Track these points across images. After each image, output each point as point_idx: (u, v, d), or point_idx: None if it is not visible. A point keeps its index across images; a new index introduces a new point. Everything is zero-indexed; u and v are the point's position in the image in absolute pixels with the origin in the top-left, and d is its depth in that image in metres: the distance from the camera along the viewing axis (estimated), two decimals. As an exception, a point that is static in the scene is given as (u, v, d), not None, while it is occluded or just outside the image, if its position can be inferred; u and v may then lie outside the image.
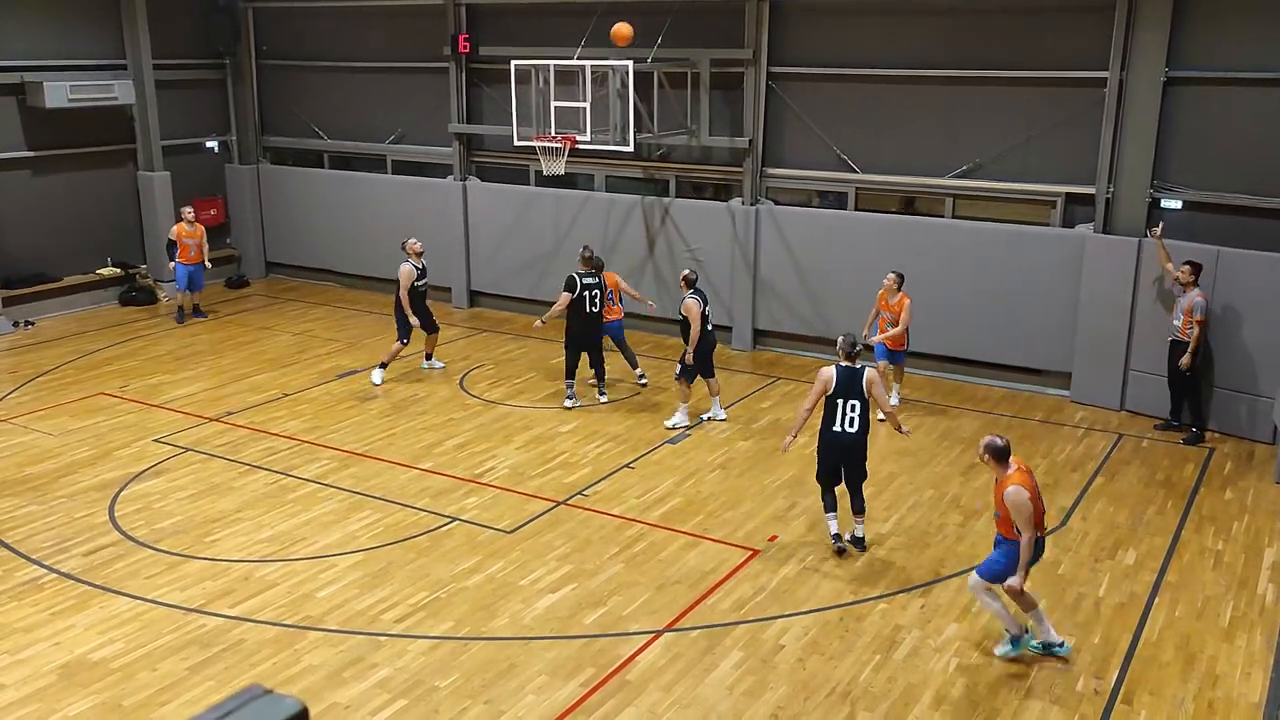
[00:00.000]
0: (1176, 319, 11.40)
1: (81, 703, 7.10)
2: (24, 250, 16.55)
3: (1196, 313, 11.12)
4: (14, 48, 16.17)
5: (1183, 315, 11.28)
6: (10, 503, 10.12)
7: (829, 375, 8.88)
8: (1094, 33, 12.35)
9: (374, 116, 18.05)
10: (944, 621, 8.12)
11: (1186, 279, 11.22)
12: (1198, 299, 11.13)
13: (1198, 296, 11.14)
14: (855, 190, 14.24)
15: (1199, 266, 11.23)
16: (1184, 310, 11.26)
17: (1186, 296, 11.23)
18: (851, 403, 8.89)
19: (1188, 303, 11.21)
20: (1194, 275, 11.21)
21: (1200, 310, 11.13)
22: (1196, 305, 11.13)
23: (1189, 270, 11.22)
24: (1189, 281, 11.21)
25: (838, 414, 8.93)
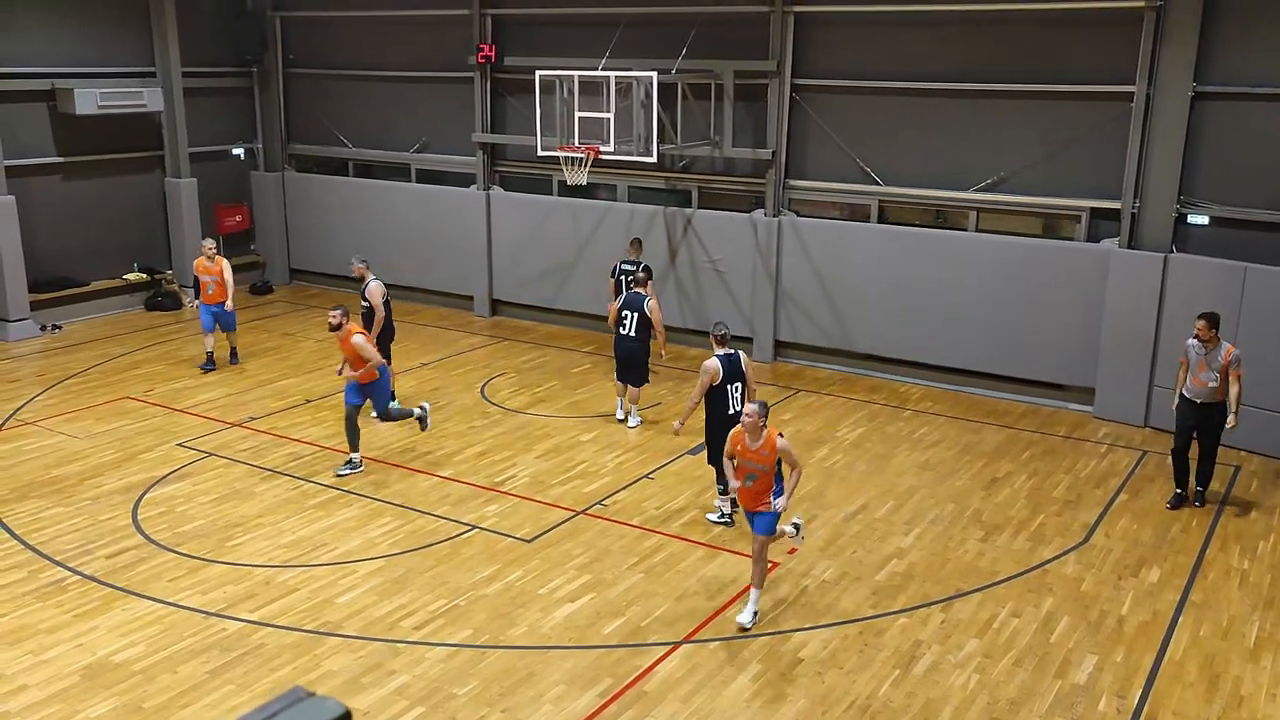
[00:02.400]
0: (1210, 379, 10.06)
1: (103, 704, 7.15)
2: (52, 255, 16.72)
3: (1236, 366, 9.97)
4: (45, 54, 16.37)
5: (1217, 374, 10.01)
6: (36, 504, 10.21)
7: (715, 366, 9.64)
8: (1121, 46, 12.29)
9: (398, 125, 18.16)
10: (964, 637, 8.07)
11: (1207, 334, 10.02)
12: (1234, 351, 10.01)
13: (1232, 348, 10.04)
14: (878, 202, 14.21)
15: (1216, 318, 10.07)
16: (1219, 368, 9.99)
17: (1216, 352, 10.02)
18: (735, 384, 9.72)
19: (1223, 358, 9.97)
20: (1214, 329, 10.03)
21: (1240, 362, 10.00)
22: (1235, 359, 9.96)
23: (1206, 325, 10.02)
24: (1210, 337, 10.03)
25: (727, 398, 9.70)
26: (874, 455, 11.69)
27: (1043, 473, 11.27)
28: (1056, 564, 9.24)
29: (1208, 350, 10.06)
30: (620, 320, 12.33)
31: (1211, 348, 10.05)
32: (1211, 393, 10.10)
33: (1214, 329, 10.03)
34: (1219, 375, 9.99)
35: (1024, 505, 10.43)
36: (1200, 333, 10.07)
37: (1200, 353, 10.11)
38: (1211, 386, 10.08)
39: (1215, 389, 10.08)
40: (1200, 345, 10.11)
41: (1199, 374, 10.12)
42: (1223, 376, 9.98)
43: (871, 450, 11.84)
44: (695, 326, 15.64)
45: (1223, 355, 9.97)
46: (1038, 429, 12.58)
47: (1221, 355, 9.98)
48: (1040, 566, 9.19)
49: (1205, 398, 10.14)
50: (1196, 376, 10.14)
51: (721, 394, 9.69)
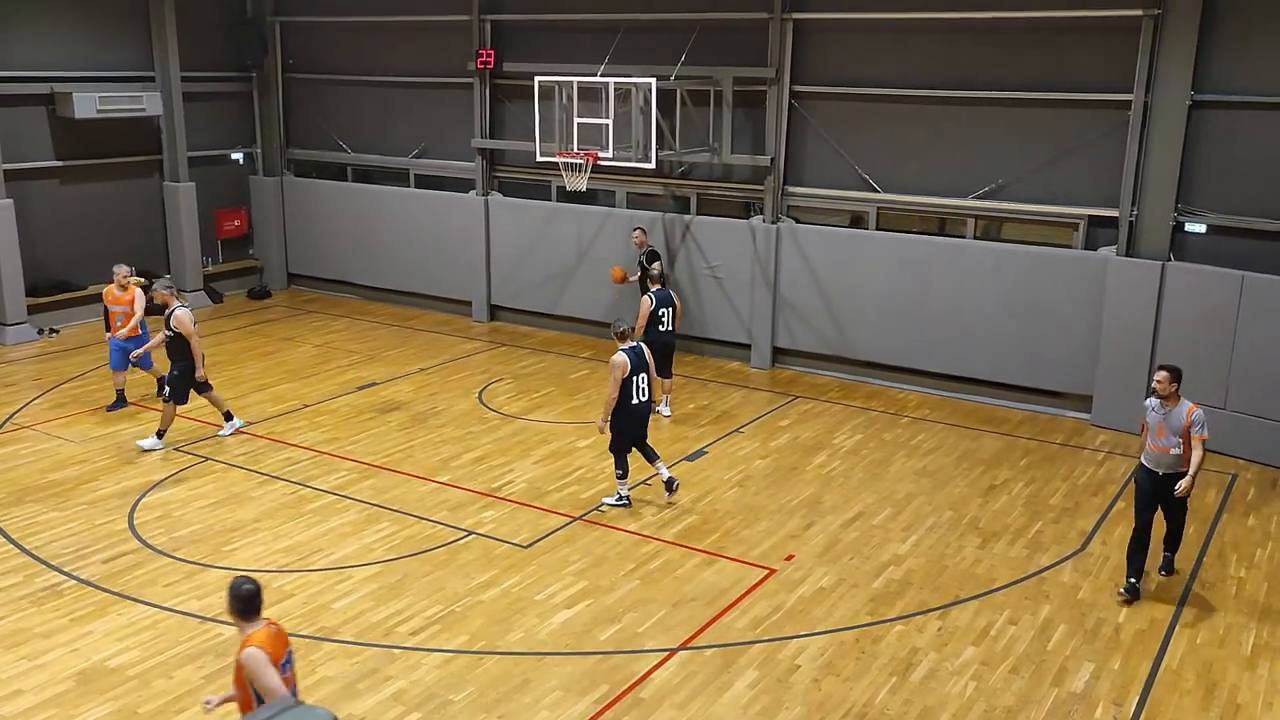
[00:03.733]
0: (1172, 445, 8.50)
1: (98, 709, 7.13)
2: (50, 258, 16.71)
3: (1200, 429, 8.46)
4: (44, 58, 16.38)
5: (1180, 439, 8.47)
6: (32, 509, 10.19)
7: (624, 360, 10.04)
8: (1119, 55, 12.31)
9: (397, 130, 18.17)
10: (961, 644, 8.06)
11: (1166, 389, 8.51)
12: (1196, 411, 8.49)
13: (1193, 408, 8.53)
14: (877, 210, 14.23)
15: (1178, 371, 8.59)
16: (1178, 430, 8.47)
17: (1177, 412, 8.49)
18: (641, 375, 10.21)
19: (1184, 419, 8.46)
20: (1175, 383, 8.54)
21: (1203, 424, 8.49)
22: (1197, 421, 8.46)
23: (1167, 378, 8.52)
24: (1169, 393, 8.51)
25: (634, 389, 10.16)
26: (871, 462, 11.69)
27: (1040, 480, 11.27)
28: (1054, 571, 9.24)
29: (1167, 410, 8.52)
30: (659, 318, 12.71)
31: (1171, 406, 8.51)
32: (1175, 461, 8.53)
33: (1175, 383, 8.51)
34: (1181, 440, 8.46)
35: (1021, 513, 10.43)
36: (1159, 386, 8.55)
37: (1160, 413, 8.56)
38: (1175, 454, 8.50)
39: (1179, 457, 8.51)
40: (1159, 404, 8.58)
41: (1158, 438, 8.55)
42: (1185, 441, 8.46)
43: (869, 457, 11.84)
44: (695, 334, 15.65)
45: (1183, 416, 8.44)
46: (1035, 436, 12.59)
47: (1182, 416, 8.45)
48: (1037, 574, 9.18)
49: (1168, 467, 8.55)
50: (1156, 441, 8.58)
51: (629, 385, 10.13)
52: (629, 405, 10.17)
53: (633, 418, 10.25)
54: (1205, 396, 11.92)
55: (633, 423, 10.27)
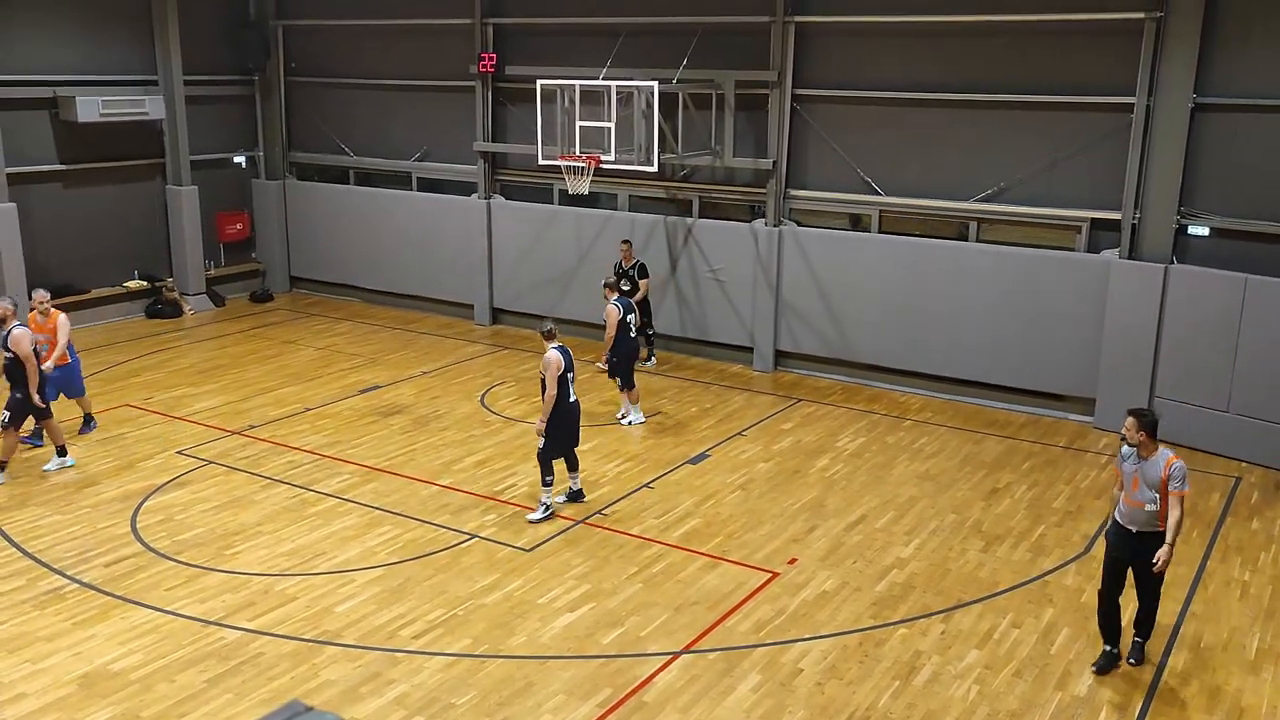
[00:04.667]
0: (1147, 500, 7.46)
1: (101, 713, 7.13)
2: (53, 262, 16.72)
3: (1179, 483, 7.39)
4: (47, 62, 16.40)
5: (1156, 493, 7.43)
6: (35, 512, 10.19)
7: (557, 357, 9.96)
8: (1121, 58, 12.31)
9: (400, 134, 18.19)
10: (964, 648, 8.04)
11: (1135, 437, 7.47)
12: (1176, 463, 7.42)
13: (1173, 459, 7.46)
14: (879, 213, 14.22)
15: (1151, 418, 7.53)
16: (1155, 483, 7.42)
17: (1153, 464, 7.44)
18: (571, 375, 10.16)
19: (1161, 470, 7.40)
20: (1144, 431, 7.46)
21: (1183, 478, 7.42)
22: (1176, 473, 7.38)
23: (1134, 424, 7.46)
24: (1141, 441, 7.47)
25: (568, 387, 10.11)
26: (874, 465, 11.68)
27: (1043, 483, 11.26)
28: (1057, 575, 9.22)
29: (1142, 460, 7.49)
30: (627, 325, 12.66)
31: (1147, 456, 7.48)
32: (1151, 518, 7.49)
33: (1145, 431, 7.45)
34: (1158, 495, 7.43)
35: (1024, 516, 10.42)
36: (1128, 434, 7.52)
37: (1134, 464, 7.54)
38: (1150, 510, 7.47)
39: (1155, 514, 7.47)
40: (1132, 453, 7.56)
41: (1132, 492, 7.55)
42: (1163, 496, 7.43)
43: (872, 460, 11.83)
44: (695, 336, 15.65)
45: (1161, 468, 7.42)
46: (1038, 439, 12.57)
47: (1159, 468, 7.42)
48: (1041, 577, 9.17)
49: (1142, 524, 7.52)
50: (1130, 495, 7.57)
51: (563, 384, 10.02)
52: (566, 404, 10.09)
53: (568, 418, 10.17)
54: (1208, 399, 11.96)
55: (568, 423, 10.18)
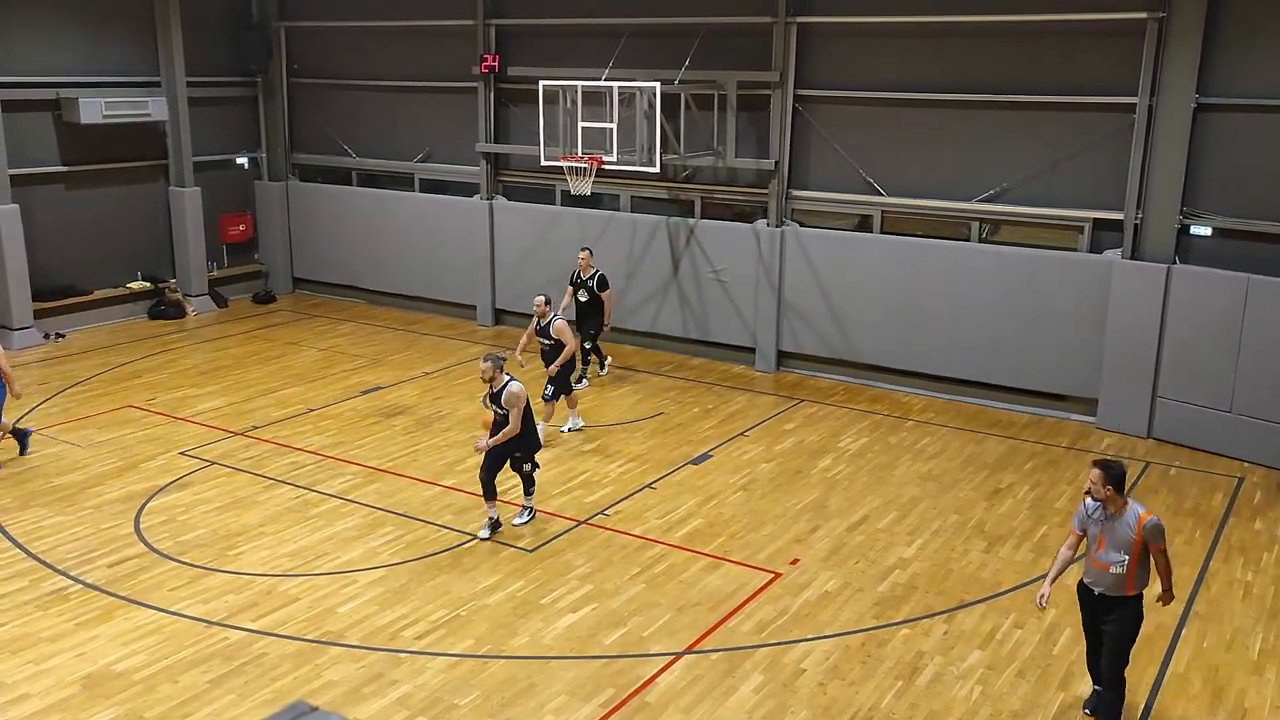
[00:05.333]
0: (1114, 561, 6.67)
1: (104, 714, 7.14)
2: (56, 263, 16.75)
3: (1156, 539, 6.64)
4: (50, 64, 16.42)
5: (1125, 555, 6.63)
6: (38, 513, 10.21)
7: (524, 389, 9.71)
8: (1124, 58, 12.31)
9: (402, 135, 18.20)
10: (967, 648, 8.04)
11: (1103, 491, 6.64)
12: (1149, 520, 6.63)
13: (1145, 515, 6.66)
14: (881, 213, 14.22)
15: (1119, 471, 6.67)
16: (1125, 544, 6.63)
17: (1122, 519, 6.66)
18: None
19: (1132, 530, 6.62)
20: (1111, 485, 6.62)
21: (1160, 533, 6.66)
22: (1152, 531, 6.61)
23: (1101, 478, 6.62)
24: (1108, 496, 6.65)
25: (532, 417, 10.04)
26: (876, 466, 11.68)
27: (1045, 484, 11.26)
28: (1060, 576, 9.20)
29: (1109, 516, 6.71)
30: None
31: (1115, 513, 6.68)
32: (1117, 581, 6.69)
33: (1111, 485, 6.62)
34: (1127, 556, 6.62)
35: (1027, 516, 10.41)
36: (1094, 488, 6.69)
37: (1098, 520, 6.76)
38: (1116, 574, 6.67)
39: (1122, 577, 6.66)
40: (1098, 509, 6.77)
41: (1096, 552, 6.77)
42: (1135, 557, 6.62)
43: (874, 461, 11.83)
44: (698, 337, 15.65)
45: (1132, 526, 6.62)
46: (1040, 440, 12.57)
47: (1131, 526, 6.63)
48: (1043, 578, 9.10)
49: (1108, 587, 6.75)
50: (1094, 556, 6.80)
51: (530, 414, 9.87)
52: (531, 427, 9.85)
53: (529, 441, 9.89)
54: (1211, 400, 11.95)
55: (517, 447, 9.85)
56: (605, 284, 13.99)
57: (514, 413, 9.54)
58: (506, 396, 9.53)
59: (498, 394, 9.60)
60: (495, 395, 9.62)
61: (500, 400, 9.58)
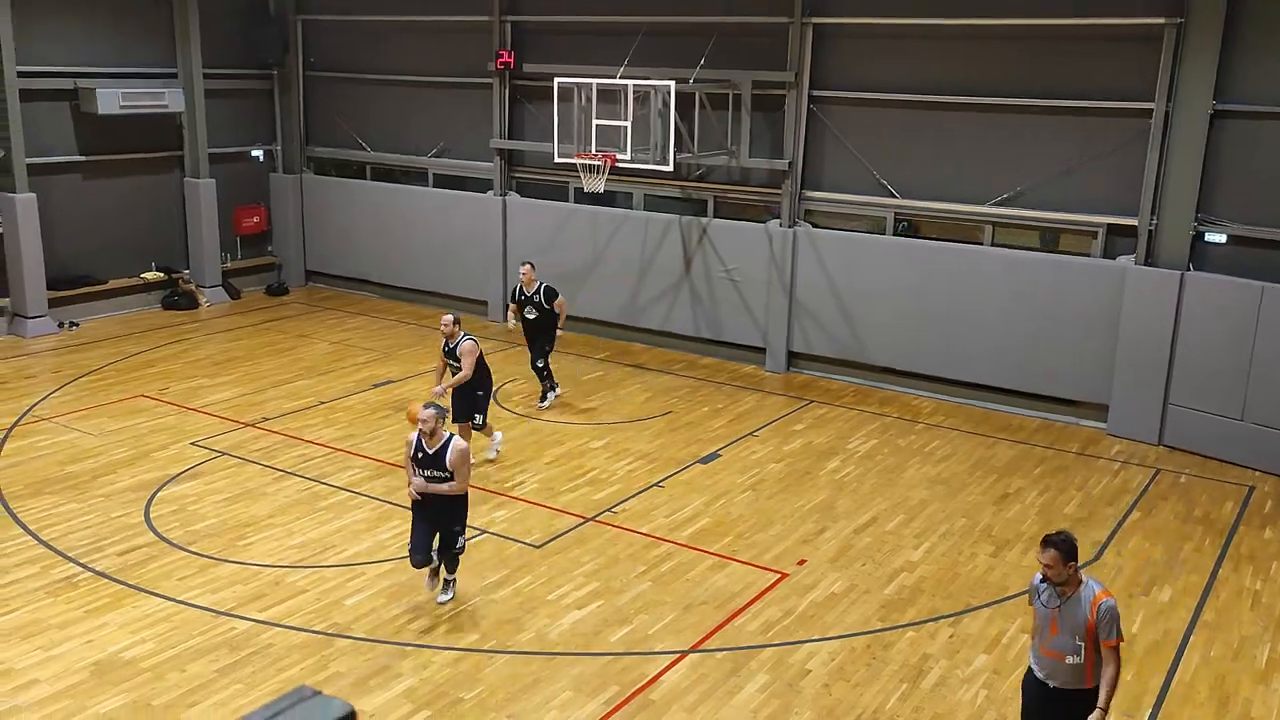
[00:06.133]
0: (1067, 649, 5.82)
1: (111, 701, 7.19)
2: (71, 252, 16.84)
3: (1110, 629, 5.71)
4: (69, 54, 16.51)
5: (1080, 641, 5.77)
6: (49, 500, 10.28)
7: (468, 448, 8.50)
8: (1141, 63, 12.26)
9: (417, 130, 18.24)
10: (973, 652, 8.03)
11: (1059, 572, 5.77)
12: (1104, 602, 5.74)
13: (1101, 596, 5.77)
14: (894, 215, 14.20)
15: (1071, 545, 5.79)
16: (1079, 629, 5.76)
17: (1075, 602, 5.79)
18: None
19: (1087, 614, 5.74)
20: (1069, 561, 5.77)
21: (1115, 623, 5.74)
22: (1105, 616, 5.72)
23: (1056, 557, 5.74)
24: (1065, 578, 5.79)
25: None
26: (885, 468, 11.67)
27: (1054, 489, 11.23)
28: (1067, 581, 9.19)
29: (1063, 599, 5.82)
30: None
31: (1069, 594, 5.81)
32: (1074, 673, 5.84)
33: (1070, 561, 5.76)
34: (1083, 644, 5.77)
35: (1035, 521, 10.39)
36: (1047, 568, 5.81)
37: (1051, 603, 5.86)
38: (1072, 663, 5.82)
39: (1080, 668, 5.82)
40: (1050, 591, 5.87)
41: (1050, 639, 5.89)
42: (1089, 644, 5.77)
43: (883, 463, 11.82)
44: (709, 336, 15.65)
45: (1086, 610, 5.76)
46: (1050, 445, 12.53)
47: (1084, 610, 5.76)
48: (1050, 583, 9.13)
49: (1062, 679, 5.88)
50: (1046, 642, 5.91)
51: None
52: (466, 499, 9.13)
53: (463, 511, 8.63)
54: (1222, 407, 11.91)
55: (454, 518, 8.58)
56: (555, 293, 12.91)
57: (459, 475, 8.15)
58: (451, 456, 8.09)
59: (441, 452, 8.10)
60: (439, 454, 8.11)
61: (445, 461, 8.11)
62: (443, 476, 8.14)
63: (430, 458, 8.15)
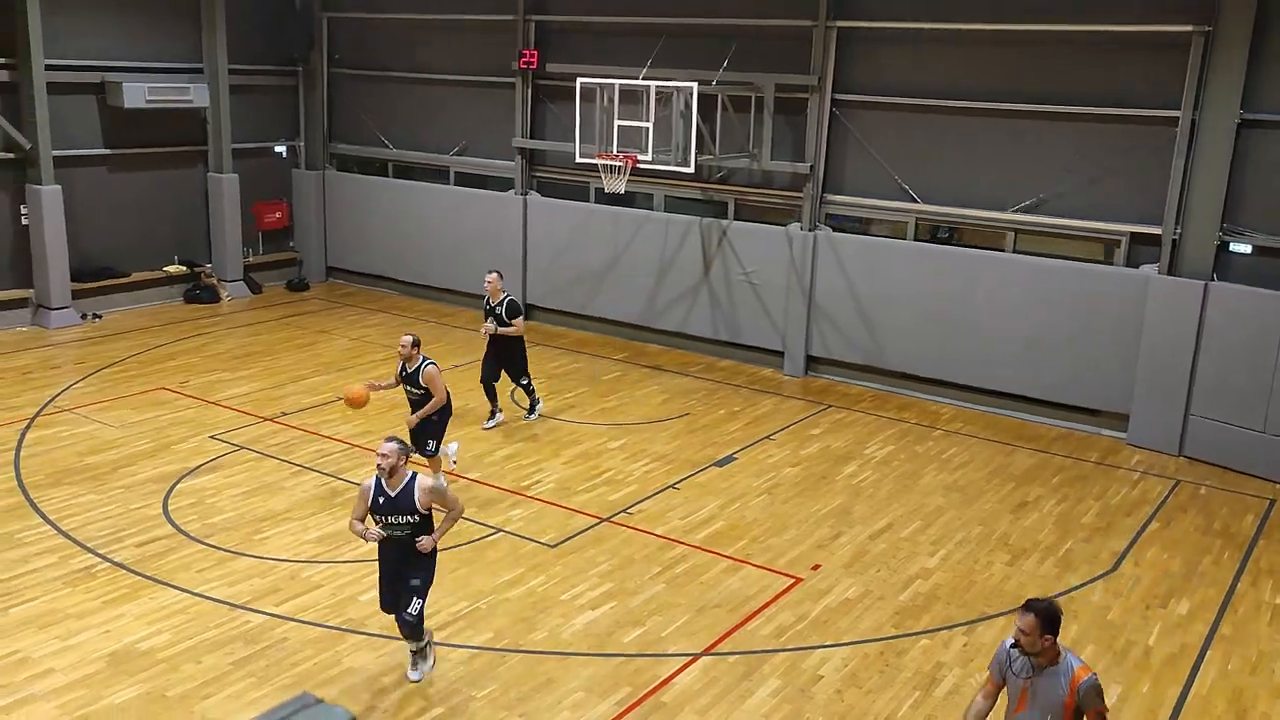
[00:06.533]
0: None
1: (127, 691, 7.24)
2: (95, 245, 16.96)
3: (1092, 704, 5.27)
4: (96, 48, 16.64)
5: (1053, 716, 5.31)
6: (69, 490, 10.36)
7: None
8: (1168, 71, 12.17)
9: (439, 128, 18.29)
10: (986, 660, 7.96)
11: (1034, 642, 5.26)
12: (1087, 678, 5.27)
13: (1082, 673, 5.29)
14: (915, 220, 14.14)
15: (1054, 614, 5.28)
16: (1056, 705, 5.29)
17: (1053, 675, 5.31)
18: None
19: (1065, 689, 5.27)
20: (1049, 632, 5.26)
21: (1099, 694, 5.30)
22: (1088, 692, 5.25)
23: (1034, 623, 5.23)
24: (1042, 648, 5.28)
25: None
26: (902, 474, 11.62)
27: (1073, 498, 11.16)
28: (1083, 591, 9.14)
29: (1036, 670, 5.34)
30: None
31: (1044, 665, 5.32)
32: None
33: (1048, 634, 5.25)
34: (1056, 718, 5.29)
35: (1052, 530, 10.33)
36: (1025, 640, 5.27)
37: (1023, 673, 5.38)
38: None
39: None
40: (1023, 660, 5.38)
41: (1015, 713, 5.46)
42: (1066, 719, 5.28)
43: (900, 469, 11.77)
44: (727, 338, 15.63)
45: (1064, 685, 5.27)
46: (1069, 454, 12.45)
47: (1062, 686, 5.27)
48: (1066, 593, 9.09)
49: None
50: (1011, 716, 5.49)
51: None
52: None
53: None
54: (1244, 419, 11.80)
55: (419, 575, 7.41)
56: (516, 310, 12.15)
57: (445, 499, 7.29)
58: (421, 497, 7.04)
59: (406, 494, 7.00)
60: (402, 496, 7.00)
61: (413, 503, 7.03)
62: (409, 524, 6.99)
63: (392, 501, 6.96)
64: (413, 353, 10.13)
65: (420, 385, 10.15)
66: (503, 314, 12.11)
